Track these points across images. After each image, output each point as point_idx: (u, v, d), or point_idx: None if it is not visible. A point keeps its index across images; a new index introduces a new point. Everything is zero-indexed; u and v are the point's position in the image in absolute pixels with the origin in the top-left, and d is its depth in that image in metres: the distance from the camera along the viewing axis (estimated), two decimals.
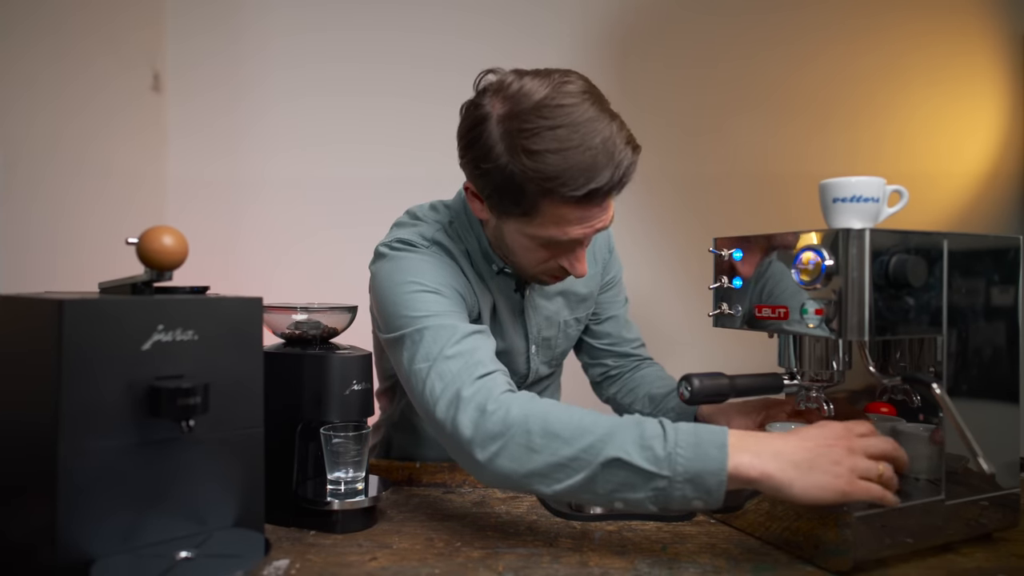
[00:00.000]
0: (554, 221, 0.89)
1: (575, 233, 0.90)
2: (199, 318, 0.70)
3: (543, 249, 0.94)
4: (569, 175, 0.83)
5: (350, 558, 0.77)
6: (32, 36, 1.40)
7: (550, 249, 0.94)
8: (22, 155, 1.37)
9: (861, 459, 0.74)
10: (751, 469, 0.72)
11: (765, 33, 1.95)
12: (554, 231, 0.90)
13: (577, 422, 0.77)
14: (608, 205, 0.91)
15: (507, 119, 0.86)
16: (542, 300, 1.14)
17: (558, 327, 1.18)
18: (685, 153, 1.95)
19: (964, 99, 1.94)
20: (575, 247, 0.95)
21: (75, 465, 0.63)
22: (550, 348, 1.19)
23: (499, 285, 1.08)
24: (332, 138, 1.96)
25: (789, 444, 0.74)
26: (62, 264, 1.47)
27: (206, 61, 1.96)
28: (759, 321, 0.85)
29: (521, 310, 1.12)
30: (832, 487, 0.71)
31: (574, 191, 0.84)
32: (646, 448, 0.73)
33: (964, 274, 0.80)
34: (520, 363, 1.16)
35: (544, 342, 1.18)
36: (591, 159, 0.83)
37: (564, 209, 0.87)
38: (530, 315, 1.13)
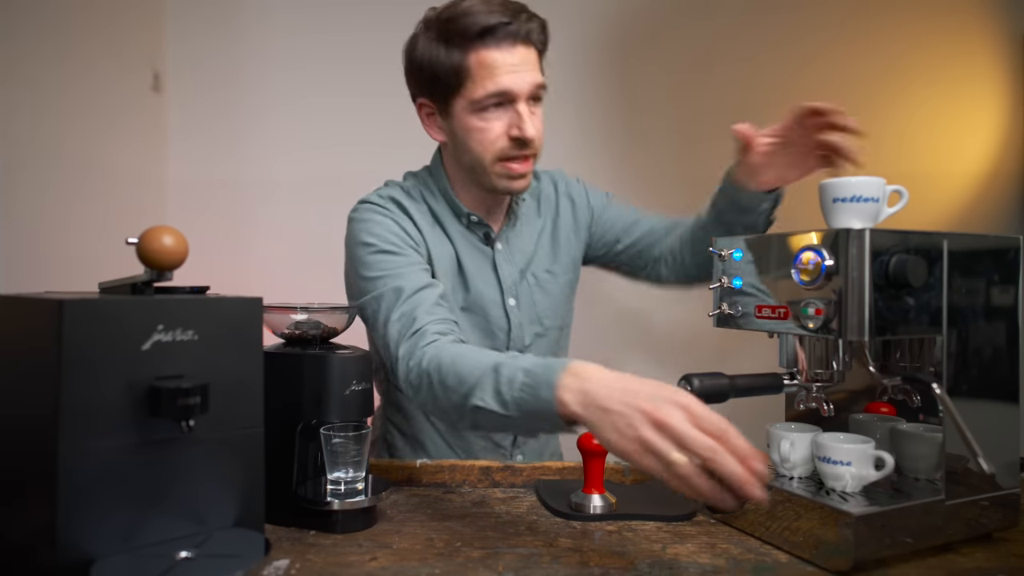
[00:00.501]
0: (485, 75, 1.04)
1: (506, 81, 1.03)
2: (199, 318, 0.70)
3: (491, 122, 1.06)
4: (474, 19, 1.02)
5: (350, 558, 0.77)
6: (34, 39, 1.40)
7: (496, 119, 1.06)
8: (25, 156, 1.37)
9: (657, 435, 0.67)
10: (568, 408, 0.74)
11: (764, 35, 1.95)
12: (489, 84, 1.04)
13: (461, 370, 0.85)
14: (531, 60, 1.06)
15: (427, 25, 1.08)
16: (516, 251, 1.21)
17: (530, 280, 1.21)
18: (685, 154, 1.95)
19: (964, 99, 1.94)
20: (516, 109, 1.06)
21: (75, 465, 0.63)
22: (534, 304, 1.21)
23: (468, 239, 1.18)
24: (332, 139, 1.96)
25: (604, 389, 0.73)
26: (62, 264, 1.47)
27: (206, 62, 1.96)
28: (759, 321, 0.85)
29: (492, 262, 1.18)
30: (620, 448, 0.69)
31: (485, 23, 1.02)
32: (498, 394, 0.81)
33: (964, 274, 0.80)
34: (497, 315, 1.18)
35: (524, 299, 1.21)
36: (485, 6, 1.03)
37: (486, 56, 1.03)
38: (502, 266, 1.19)
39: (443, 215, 1.17)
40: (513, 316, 1.19)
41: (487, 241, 1.19)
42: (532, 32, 1.06)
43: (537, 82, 1.07)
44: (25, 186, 1.38)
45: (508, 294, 1.19)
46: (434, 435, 1.22)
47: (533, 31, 1.06)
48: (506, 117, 1.06)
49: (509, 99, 1.05)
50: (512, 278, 1.19)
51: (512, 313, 1.19)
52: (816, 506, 0.77)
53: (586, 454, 0.93)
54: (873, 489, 0.81)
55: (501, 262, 1.19)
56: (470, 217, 1.17)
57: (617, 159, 1.95)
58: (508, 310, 1.18)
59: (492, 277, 1.19)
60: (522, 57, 1.05)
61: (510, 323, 1.18)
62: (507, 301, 1.19)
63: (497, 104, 1.06)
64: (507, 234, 1.21)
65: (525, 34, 1.05)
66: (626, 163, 1.95)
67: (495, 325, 1.18)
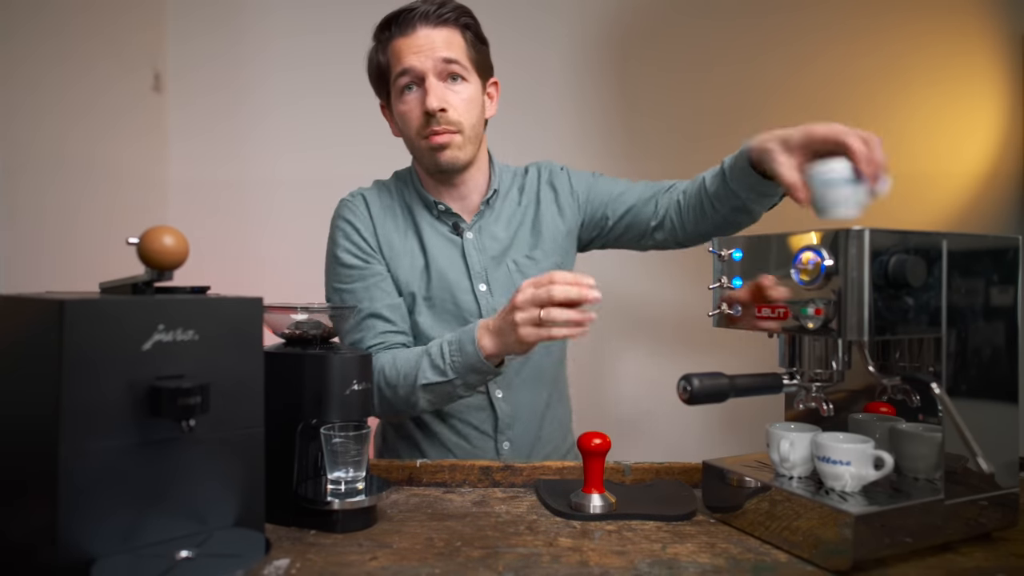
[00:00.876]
0: (396, 60, 1.16)
1: (407, 61, 1.14)
2: (199, 318, 0.70)
3: (408, 103, 1.16)
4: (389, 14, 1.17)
5: (350, 558, 0.77)
6: (35, 40, 1.40)
7: (412, 98, 1.16)
8: (25, 157, 1.37)
9: (522, 312, 0.93)
10: (487, 347, 1.00)
11: (764, 35, 1.95)
12: (396, 67, 1.16)
13: (399, 366, 1.09)
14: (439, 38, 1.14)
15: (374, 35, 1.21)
16: (488, 240, 1.25)
17: (510, 267, 1.24)
18: (685, 155, 1.95)
19: (964, 99, 1.94)
20: (424, 85, 1.14)
21: (75, 465, 0.63)
22: (514, 287, 1.19)
23: (437, 229, 1.24)
24: (332, 139, 1.96)
25: (494, 320, 1.00)
26: (63, 264, 1.47)
27: (207, 63, 1.96)
28: (759, 321, 0.85)
29: (462, 250, 1.23)
30: (514, 346, 0.96)
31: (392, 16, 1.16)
32: (435, 367, 1.05)
33: (963, 274, 0.80)
34: (467, 301, 1.22)
35: (498, 285, 1.23)
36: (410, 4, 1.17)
37: (394, 45, 1.16)
38: (471, 254, 1.23)
39: (415, 208, 1.25)
40: (484, 301, 1.22)
41: (456, 230, 1.24)
42: (440, 13, 1.14)
43: (441, 56, 1.14)
44: (26, 186, 1.38)
45: (478, 280, 1.23)
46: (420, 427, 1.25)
47: (442, 13, 1.14)
48: (419, 94, 1.15)
49: (417, 78, 1.14)
50: (482, 265, 1.23)
51: (483, 298, 1.22)
52: (815, 506, 0.77)
53: (586, 454, 0.93)
54: (872, 489, 0.81)
55: (470, 250, 1.23)
56: (438, 207, 1.23)
57: (617, 158, 1.95)
58: (478, 295, 1.22)
59: (461, 265, 1.23)
60: (426, 38, 1.14)
61: (480, 308, 1.22)
62: (477, 287, 1.22)
63: (409, 85, 1.15)
64: (479, 223, 1.25)
65: (426, 15, 1.14)
66: (626, 162, 1.95)
67: (465, 311, 1.22)
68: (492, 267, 1.24)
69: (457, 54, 1.15)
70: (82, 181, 1.57)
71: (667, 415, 1.95)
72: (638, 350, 1.98)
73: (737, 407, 1.04)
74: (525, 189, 1.31)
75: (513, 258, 1.25)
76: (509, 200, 1.29)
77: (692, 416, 1.80)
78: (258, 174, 1.97)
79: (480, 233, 1.25)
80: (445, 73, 1.15)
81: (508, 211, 1.28)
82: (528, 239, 1.27)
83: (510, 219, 1.27)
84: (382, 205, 1.25)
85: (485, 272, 1.24)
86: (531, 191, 1.31)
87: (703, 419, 1.91)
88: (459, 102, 1.16)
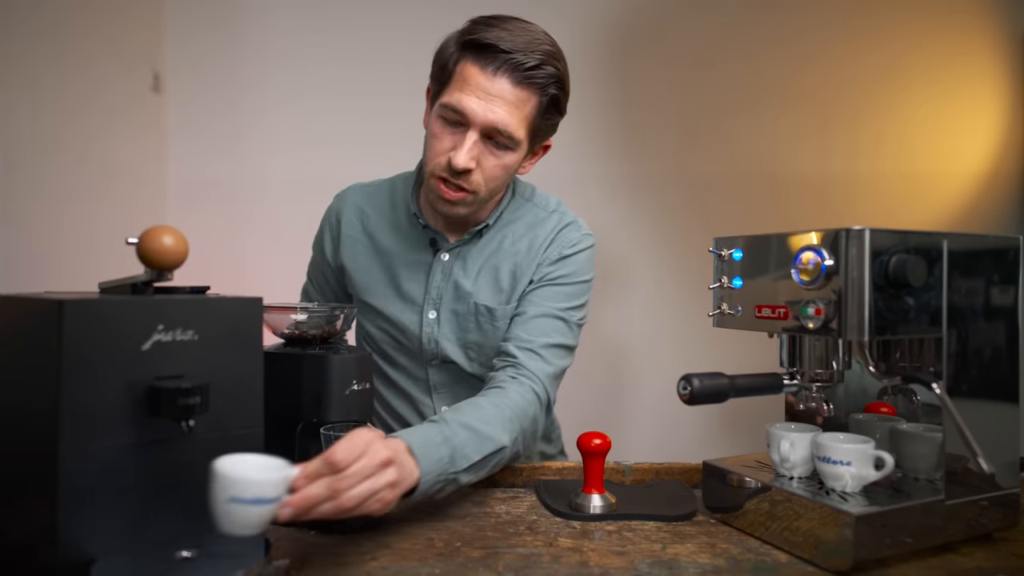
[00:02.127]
0: (457, 85, 1.01)
1: (465, 101, 0.99)
2: (199, 318, 0.70)
3: (443, 135, 1.03)
4: (486, 33, 1.00)
5: (350, 558, 0.77)
6: (32, 37, 1.40)
7: (449, 135, 1.03)
8: (24, 156, 1.37)
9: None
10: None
11: (765, 33, 1.95)
12: (454, 96, 1.00)
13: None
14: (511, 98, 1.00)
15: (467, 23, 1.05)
16: (459, 271, 1.14)
17: (470, 307, 1.13)
18: (685, 153, 1.95)
19: (964, 99, 1.94)
20: (465, 131, 1.01)
21: (75, 465, 0.63)
22: (461, 329, 1.15)
23: (411, 240, 1.17)
24: (332, 138, 1.96)
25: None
26: (62, 264, 1.47)
27: (206, 62, 1.96)
28: (759, 321, 0.85)
29: (428, 267, 1.16)
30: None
31: (489, 38, 0.99)
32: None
33: (964, 274, 0.80)
34: (411, 322, 1.15)
35: (450, 316, 1.14)
36: (510, 33, 1.00)
37: (468, 68, 1.00)
38: (435, 275, 1.15)
39: (396, 219, 1.19)
40: (428, 328, 1.15)
41: (433, 246, 1.16)
42: (529, 74, 1.00)
43: (495, 121, 0.99)
44: (24, 186, 1.38)
45: (429, 306, 1.15)
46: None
47: (534, 76, 1.00)
48: (455, 137, 1.02)
49: (463, 121, 1.01)
50: (439, 291, 1.14)
51: (427, 325, 1.15)
52: (816, 506, 0.77)
53: (586, 454, 0.93)
54: (873, 489, 0.81)
55: (436, 271, 1.14)
56: (417, 219, 1.16)
57: (617, 156, 1.95)
58: (424, 321, 1.15)
59: (422, 284, 1.15)
60: (500, 89, 0.99)
61: (422, 334, 1.15)
62: (426, 312, 1.15)
63: (455, 121, 1.02)
64: (461, 249, 1.15)
65: (516, 69, 0.99)
66: (625, 160, 1.95)
67: (408, 332, 1.16)
68: (451, 297, 1.14)
69: (516, 123, 1.01)
70: (81, 181, 1.57)
71: (667, 415, 1.95)
72: (638, 350, 1.97)
73: (737, 407, 1.04)
74: (528, 234, 1.16)
75: (476, 300, 1.13)
76: (502, 235, 1.16)
77: (692, 416, 1.80)
78: (258, 173, 1.97)
79: (457, 259, 1.15)
80: (488, 135, 1.02)
81: (493, 247, 1.15)
82: (495, 287, 1.14)
83: (492, 257, 1.15)
84: (355, 205, 1.22)
85: (440, 299, 1.15)
86: (533, 239, 1.15)
87: (703, 419, 1.91)
88: (491, 167, 1.04)
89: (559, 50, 1.05)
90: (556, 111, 1.07)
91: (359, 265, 1.20)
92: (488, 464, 0.90)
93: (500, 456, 0.92)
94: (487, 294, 1.14)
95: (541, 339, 1.07)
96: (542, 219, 1.17)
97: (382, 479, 0.72)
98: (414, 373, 1.20)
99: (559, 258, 1.14)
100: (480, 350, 1.16)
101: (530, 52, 1.00)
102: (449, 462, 0.83)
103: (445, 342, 1.16)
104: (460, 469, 0.85)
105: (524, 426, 0.97)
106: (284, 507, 0.66)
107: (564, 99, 1.07)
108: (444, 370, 1.18)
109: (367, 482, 0.70)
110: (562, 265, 1.14)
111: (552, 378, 1.07)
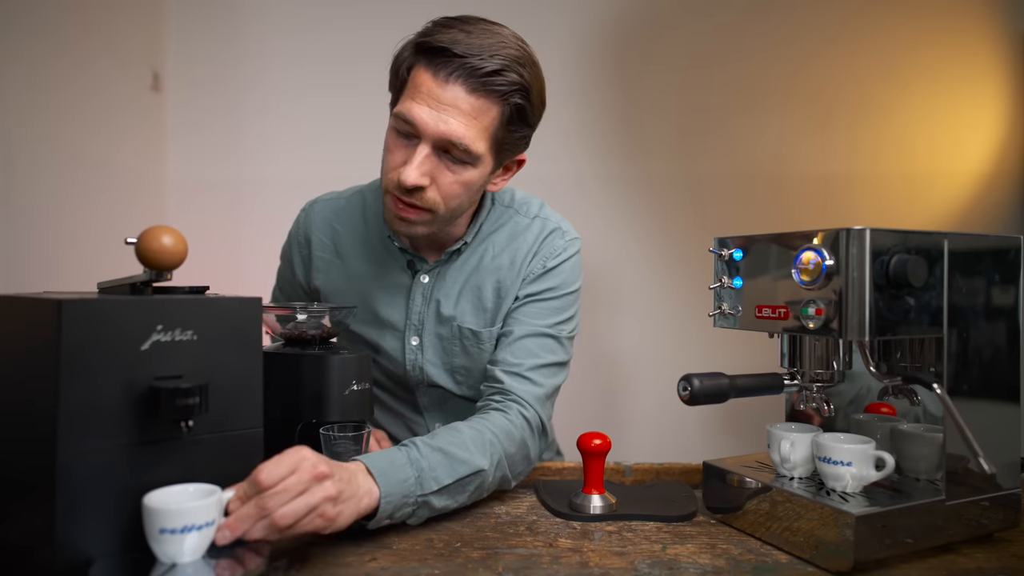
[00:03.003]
0: (409, 94, 0.93)
1: (415, 111, 0.91)
2: (198, 318, 0.70)
3: (396, 149, 0.95)
4: (441, 35, 0.91)
5: (350, 558, 0.77)
6: (31, 37, 1.39)
7: (401, 147, 0.94)
8: (22, 156, 1.37)
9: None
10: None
11: (765, 33, 1.95)
12: (405, 104, 0.92)
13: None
14: (467, 108, 0.91)
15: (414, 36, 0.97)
16: (439, 293, 1.08)
17: (454, 331, 1.08)
18: (685, 153, 1.95)
19: (964, 99, 1.94)
20: (416, 144, 0.93)
21: (74, 465, 0.63)
22: (446, 353, 1.10)
23: (388, 262, 1.10)
24: (332, 138, 1.96)
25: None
26: (62, 264, 1.47)
27: (206, 61, 1.95)
28: (759, 321, 0.85)
29: (408, 291, 1.09)
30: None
31: (441, 41, 0.90)
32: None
33: (964, 274, 0.80)
34: (394, 348, 1.10)
35: (433, 341, 1.09)
36: (467, 35, 0.91)
37: (419, 74, 0.92)
38: (415, 299, 1.08)
39: (368, 238, 1.11)
40: (411, 355, 1.10)
41: (411, 267, 1.09)
42: (489, 82, 0.90)
43: (447, 133, 0.90)
44: (23, 186, 1.38)
45: (411, 333, 1.09)
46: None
47: (492, 82, 0.90)
48: (407, 151, 0.94)
49: (415, 133, 0.92)
50: (421, 316, 1.09)
51: (410, 352, 1.10)
52: (816, 506, 0.77)
53: (586, 454, 0.93)
54: (873, 489, 0.81)
55: (416, 295, 1.09)
56: (392, 241, 1.08)
57: (617, 156, 1.95)
58: (407, 348, 1.10)
59: (402, 309, 1.10)
60: (453, 98, 0.90)
61: (405, 360, 1.10)
62: (408, 339, 1.10)
63: (407, 133, 0.93)
64: (440, 269, 1.09)
65: (471, 76, 0.89)
66: (625, 160, 1.95)
67: (391, 358, 1.11)
68: (433, 321, 1.09)
69: (473, 136, 0.91)
70: (79, 180, 1.57)
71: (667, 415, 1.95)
72: (638, 350, 1.97)
73: (737, 407, 1.04)
74: (510, 246, 1.09)
75: (460, 324, 1.08)
76: (483, 249, 1.09)
77: (692, 416, 1.80)
78: (257, 173, 1.97)
79: (437, 279, 1.09)
80: (447, 148, 0.92)
81: (473, 264, 1.09)
82: (479, 308, 1.08)
83: (473, 275, 1.09)
84: (325, 222, 1.15)
85: (422, 325, 1.09)
86: (515, 252, 1.09)
87: (703, 419, 1.90)
88: (448, 184, 0.94)
89: (528, 55, 0.95)
90: (524, 123, 0.96)
91: (333, 288, 1.13)
92: (466, 488, 0.88)
93: (480, 479, 0.88)
94: (471, 317, 1.08)
95: (529, 361, 1.02)
96: (524, 227, 1.10)
97: (318, 494, 0.71)
98: (402, 396, 1.17)
99: (543, 272, 1.07)
100: (468, 373, 1.11)
101: (489, 56, 0.90)
102: (416, 484, 0.82)
103: (430, 367, 1.11)
104: (430, 491, 0.83)
105: (509, 450, 0.93)
106: (221, 530, 0.68)
107: (532, 110, 0.96)
108: (432, 392, 1.14)
109: (301, 499, 0.70)
110: (547, 278, 1.07)
111: (543, 399, 1.02)
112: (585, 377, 1.37)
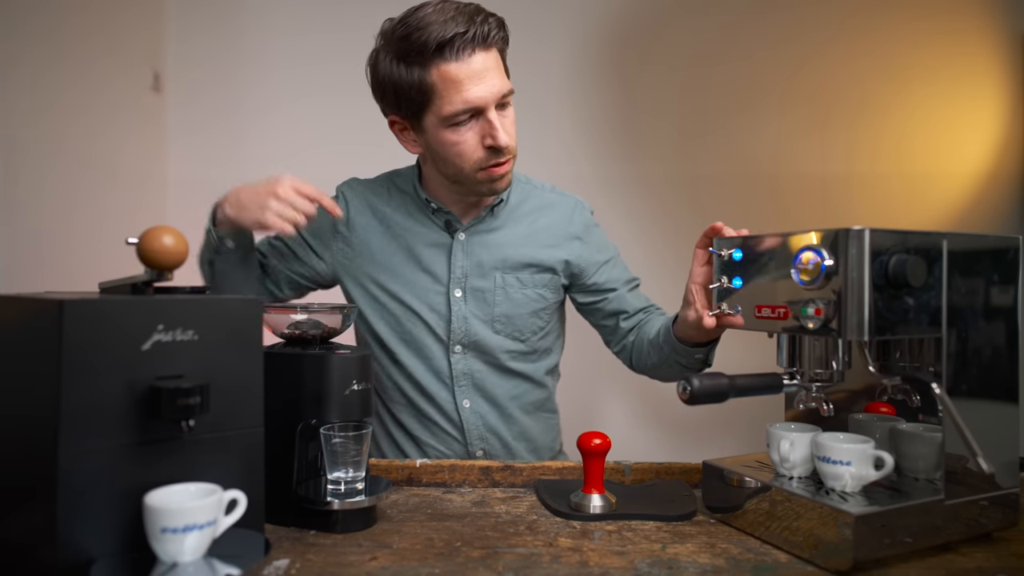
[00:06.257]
0: (452, 90, 1.04)
1: (472, 95, 1.04)
2: (199, 318, 0.70)
3: (464, 135, 1.07)
4: (429, 33, 1.01)
5: (350, 558, 0.77)
6: (33, 39, 1.40)
7: (469, 130, 1.07)
8: (24, 157, 1.37)
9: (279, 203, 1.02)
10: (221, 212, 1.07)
11: (764, 33, 1.95)
12: (457, 101, 1.04)
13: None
14: (493, 63, 1.06)
15: (385, 41, 1.08)
16: (480, 248, 1.20)
17: (494, 281, 1.20)
18: (685, 154, 1.96)
19: (964, 99, 1.94)
20: (487, 118, 1.06)
21: (75, 465, 0.63)
22: (486, 303, 1.20)
23: (426, 226, 1.21)
24: (332, 138, 1.96)
25: (244, 192, 1.06)
26: (62, 264, 1.47)
27: (206, 61, 1.96)
28: (759, 321, 0.85)
29: (449, 249, 1.20)
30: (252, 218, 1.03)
31: (441, 36, 1.01)
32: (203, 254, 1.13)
33: (964, 274, 0.80)
34: (439, 303, 1.20)
35: (476, 293, 1.20)
36: (440, 15, 1.02)
37: (448, 71, 1.03)
38: (456, 254, 1.20)
39: (405, 204, 1.22)
40: (456, 307, 1.20)
41: (449, 228, 1.21)
42: (490, 34, 1.05)
43: (503, 90, 1.06)
44: (25, 186, 1.38)
45: (455, 285, 1.20)
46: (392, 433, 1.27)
47: (491, 33, 1.05)
48: (478, 127, 1.07)
49: (475, 112, 1.06)
50: (464, 270, 1.20)
51: (455, 304, 1.20)
52: (816, 506, 0.77)
53: (586, 454, 0.93)
54: (873, 489, 0.81)
55: (457, 251, 1.20)
56: (430, 205, 1.20)
57: (616, 156, 1.95)
58: (451, 300, 1.20)
59: (444, 264, 1.20)
60: (483, 63, 1.04)
61: (451, 312, 1.20)
62: (452, 292, 1.20)
63: (467, 118, 1.06)
64: (477, 227, 1.21)
65: (483, 38, 1.04)
66: (625, 160, 1.95)
67: (436, 311, 1.20)
68: (475, 274, 1.20)
69: (504, 79, 1.08)
70: (81, 181, 1.57)
71: (667, 415, 1.95)
72: None
73: (737, 407, 1.04)
74: (542, 212, 1.25)
75: (501, 272, 1.21)
76: (518, 214, 1.24)
77: (692, 416, 1.80)
78: (257, 174, 1.96)
79: (473, 237, 1.21)
80: (499, 102, 1.08)
81: (511, 224, 1.23)
82: (521, 259, 1.22)
83: (510, 233, 1.22)
84: (358, 197, 1.25)
85: (465, 278, 1.20)
86: (549, 217, 1.25)
87: (703, 419, 1.91)
88: (510, 125, 1.11)
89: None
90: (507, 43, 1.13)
91: (374, 248, 1.21)
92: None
93: None
94: (513, 264, 1.20)
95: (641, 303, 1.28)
96: (551, 201, 1.26)
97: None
98: (435, 365, 1.22)
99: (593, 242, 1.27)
100: (508, 321, 1.21)
101: (470, 18, 1.03)
102: None
103: (473, 319, 1.20)
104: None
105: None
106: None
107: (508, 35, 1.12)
108: (466, 359, 1.21)
109: None
110: (598, 247, 1.28)
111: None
112: (585, 377, 1.37)
